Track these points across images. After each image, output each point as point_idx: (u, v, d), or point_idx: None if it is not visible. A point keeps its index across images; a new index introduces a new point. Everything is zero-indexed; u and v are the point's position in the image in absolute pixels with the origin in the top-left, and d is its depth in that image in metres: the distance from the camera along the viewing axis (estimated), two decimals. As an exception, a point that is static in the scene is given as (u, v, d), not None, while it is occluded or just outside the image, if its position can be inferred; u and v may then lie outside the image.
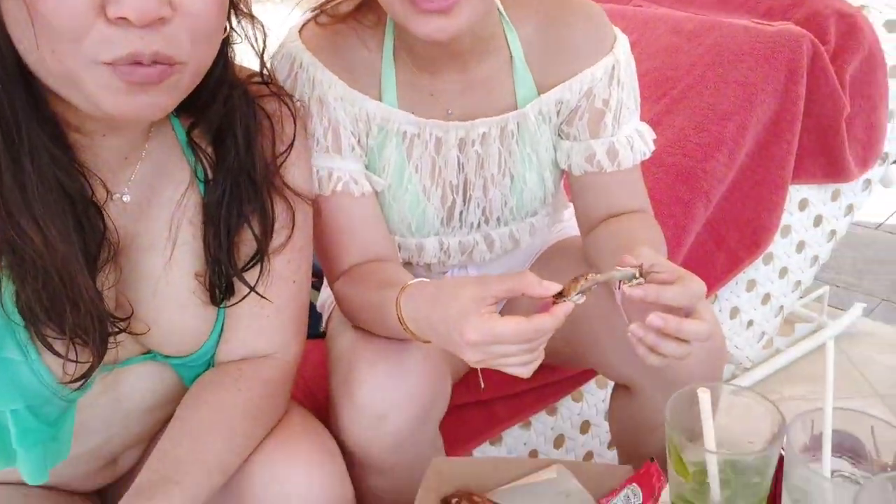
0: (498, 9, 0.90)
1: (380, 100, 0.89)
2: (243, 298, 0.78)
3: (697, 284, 0.71)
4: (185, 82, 0.65)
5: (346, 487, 0.79)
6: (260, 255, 0.77)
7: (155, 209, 0.75)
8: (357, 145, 0.90)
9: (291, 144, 0.79)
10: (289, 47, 0.88)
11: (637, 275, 0.70)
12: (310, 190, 0.84)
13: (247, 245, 0.78)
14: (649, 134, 0.98)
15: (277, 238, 0.79)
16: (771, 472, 0.64)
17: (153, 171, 0.75)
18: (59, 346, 0.67)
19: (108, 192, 0.70)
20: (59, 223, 0.63)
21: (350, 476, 0.80)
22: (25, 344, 0.67)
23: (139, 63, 0.59)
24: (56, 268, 0.63)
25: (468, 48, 0.88)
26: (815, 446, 0.62)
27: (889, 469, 0.62)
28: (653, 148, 0.98)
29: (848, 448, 0.63)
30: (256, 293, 0.78)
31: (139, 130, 0.72)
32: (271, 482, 0.74)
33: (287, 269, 0.81)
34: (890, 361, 1.77)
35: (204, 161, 0.75)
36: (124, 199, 0.73)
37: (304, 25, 0.89)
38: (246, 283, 0.77)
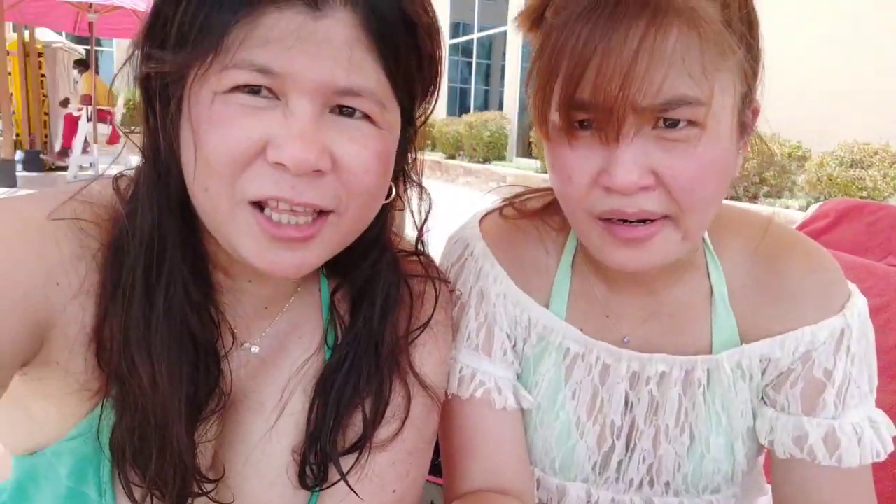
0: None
1: (546, 307, 0.80)
2: (332, 485, 0.68)
3: None
4: (335, 239, 0.61)
5: None
6: (362, 440, 0.68)
7: (277, 369, 0.70)
8: (511, 350, 0.80)
9: (427, 323, 0.72)
10: (466, 233, 0.84)
11: None
12: (438, 383, 0.74)
13: (353, 431, 0.69)
14: (887, 428, 0.75)
15: (386, 428, 0.69)
16: None
17: (288, 327, 0.71)
18: (138, 493, 0.62)
19: (235, 340, 0.67)
20: (172, 364, 0.60)
21: None
22: (106, 483, 0.63)
23: (293, 212, 0.57)
24: (154, 410, 0.60)
25: (660, 272, 0.76)
26: None
27: None
28: (891, 448, 0.74)
29: None
30: (346, 482, 0.67)
31: (289, 281, 0.69)
32: None
33: (390, 471, 0.70)
34: None
35: (339, 327, 0.70)
36: (252, 349, 0.69)
37: (487, 214, 0.86)
38: (338, 468, 0.67)
